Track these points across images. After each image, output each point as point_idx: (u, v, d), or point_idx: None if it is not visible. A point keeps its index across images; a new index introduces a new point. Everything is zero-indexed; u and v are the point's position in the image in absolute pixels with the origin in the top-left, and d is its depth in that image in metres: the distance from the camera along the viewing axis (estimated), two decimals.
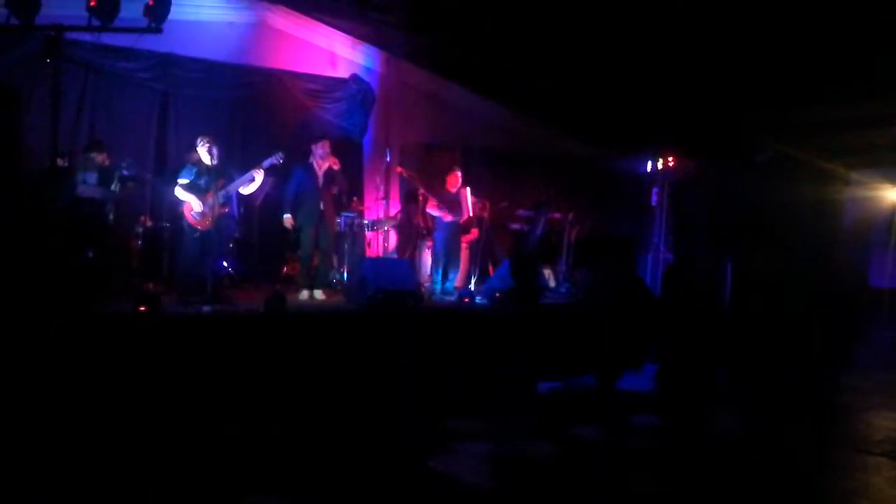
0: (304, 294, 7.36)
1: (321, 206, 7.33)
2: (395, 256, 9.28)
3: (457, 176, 8.71)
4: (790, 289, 8.61)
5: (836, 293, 5.48)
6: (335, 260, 8.30)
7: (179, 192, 6.73)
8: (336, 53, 10.01)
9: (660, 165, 11.56)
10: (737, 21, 7.13)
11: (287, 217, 7.31)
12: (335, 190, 7.60)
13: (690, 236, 10.97)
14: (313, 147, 7.43)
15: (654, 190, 11.80)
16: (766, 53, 7.64)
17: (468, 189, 8.76)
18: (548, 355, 7.38)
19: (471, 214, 8.69)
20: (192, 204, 6.68)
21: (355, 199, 8.96)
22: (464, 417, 5.65)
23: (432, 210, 8.53)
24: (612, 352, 6.10)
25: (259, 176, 6.87)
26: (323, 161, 7.37)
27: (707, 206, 11.10)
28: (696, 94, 8.97)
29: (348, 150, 9.74)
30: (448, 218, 8.46)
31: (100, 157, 7.23)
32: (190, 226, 6.67)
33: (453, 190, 8.65)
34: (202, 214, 6.64)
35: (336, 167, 7.42)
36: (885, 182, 11.53)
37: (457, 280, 8.72)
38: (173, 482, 4.09)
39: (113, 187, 7.17)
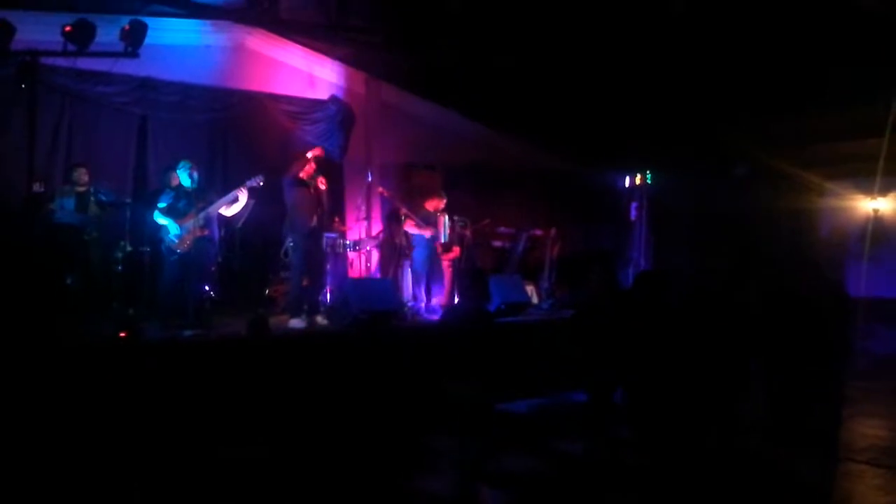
0: (296, 322, 6.83)
1: (312, 222, 7.07)
2: (378, 276, 9.25)
3: (440, 201, 8.65)
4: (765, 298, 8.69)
5: (814, 304, 5.51)
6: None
7: (158, 217, 6.65)
8: (314, 75, 10.03)
9: (638, 180, 11.67)
10: (714, 34, 7.25)
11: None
12: (325, 207, 7.43)
13: (669, 250, 11.07)
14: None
15: (633, 204, 11.91)
16: (744, 66, 7.77)
17: (446, 216, 8.72)
18: (531, 372, 7.37)
19: (445, 240, 8.65)
20: (170, 227, 6.60)
21: (337, 219, 8.93)
22: (445, 435, 5.62)
23: (410, 229, 8.49)
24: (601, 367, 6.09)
25: (243, 196, 6.78)
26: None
27: (686, 219, 11.21)
28: (674, 109, 9.08)
29: (329, 171, 9.72)
30: (428, 233, 8.40)
31: (83, 178, 7.17)
32: (169, 249, 6.58)
33: (432, 209, 8.64)
34: (181, 238, 6.57)
35: (324, 186, 7.24)
36: (860, 193, 11.70)
37: (440, 298, 8.70)
38: None
39: (90, 212, 7.10)
